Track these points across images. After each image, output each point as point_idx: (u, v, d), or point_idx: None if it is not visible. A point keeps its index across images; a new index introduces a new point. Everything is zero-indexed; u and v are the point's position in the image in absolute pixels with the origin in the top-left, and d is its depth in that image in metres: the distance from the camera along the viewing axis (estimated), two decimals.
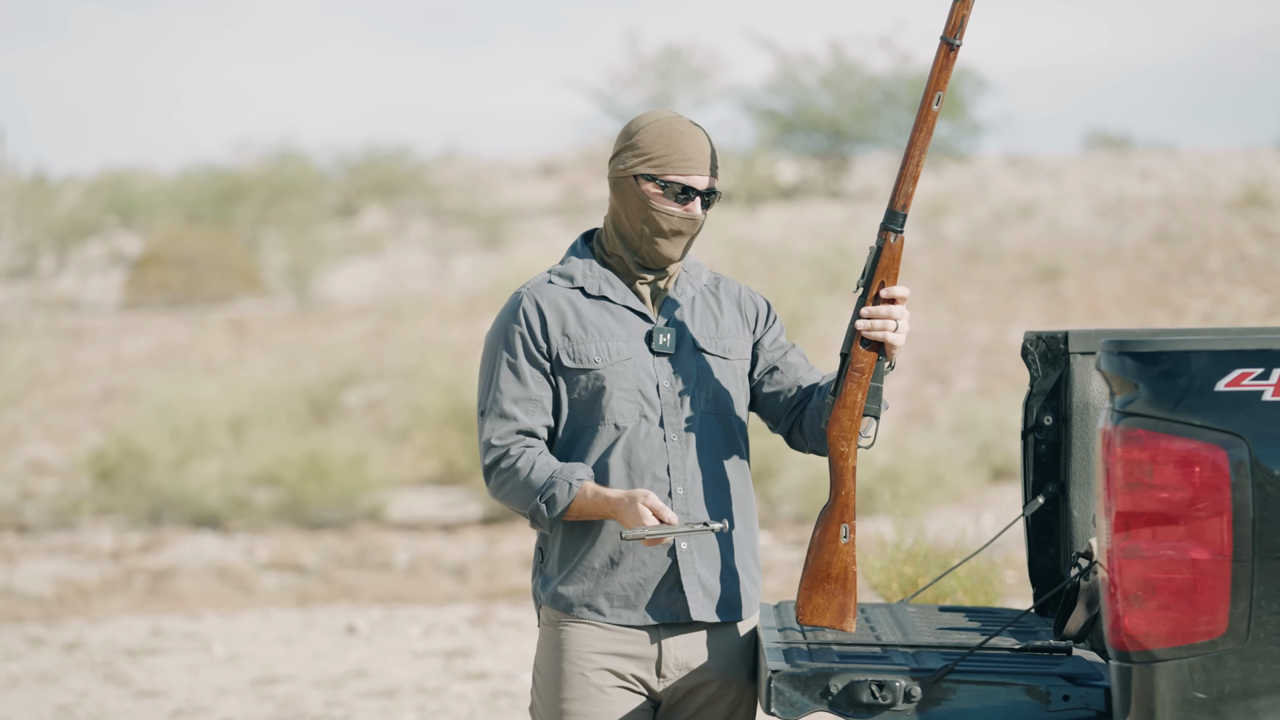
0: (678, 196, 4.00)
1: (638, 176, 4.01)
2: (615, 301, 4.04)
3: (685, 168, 3.99)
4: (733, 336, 4.10)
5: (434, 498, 16.99)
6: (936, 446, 16.46)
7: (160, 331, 27.50)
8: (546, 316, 4.02)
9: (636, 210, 4.02)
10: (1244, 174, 34.45)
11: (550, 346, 4.01)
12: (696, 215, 4.00)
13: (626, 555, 3.97)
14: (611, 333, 4.01)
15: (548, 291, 4.04)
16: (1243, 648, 3.41)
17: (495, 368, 4.03)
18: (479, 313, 25.34)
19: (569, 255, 4.10)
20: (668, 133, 4.00)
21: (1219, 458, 3.41)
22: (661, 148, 3.99)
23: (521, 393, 4.00)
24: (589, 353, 4.00)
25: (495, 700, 9.00)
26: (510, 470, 3.97)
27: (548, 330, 4.01)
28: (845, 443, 3.96)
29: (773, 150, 37.26)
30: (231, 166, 39.24)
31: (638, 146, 4.01)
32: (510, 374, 4.01)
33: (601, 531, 3.97)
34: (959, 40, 3.92)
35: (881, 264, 3.97)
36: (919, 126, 3.94)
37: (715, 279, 4.16)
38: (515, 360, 4.01)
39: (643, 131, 4.02)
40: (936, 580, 5.01)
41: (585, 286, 4.04)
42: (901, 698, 3.64)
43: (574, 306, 4.03)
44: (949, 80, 3.94)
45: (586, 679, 3.97)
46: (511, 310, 4.04)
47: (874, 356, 3.97)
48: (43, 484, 17.80)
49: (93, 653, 10.40)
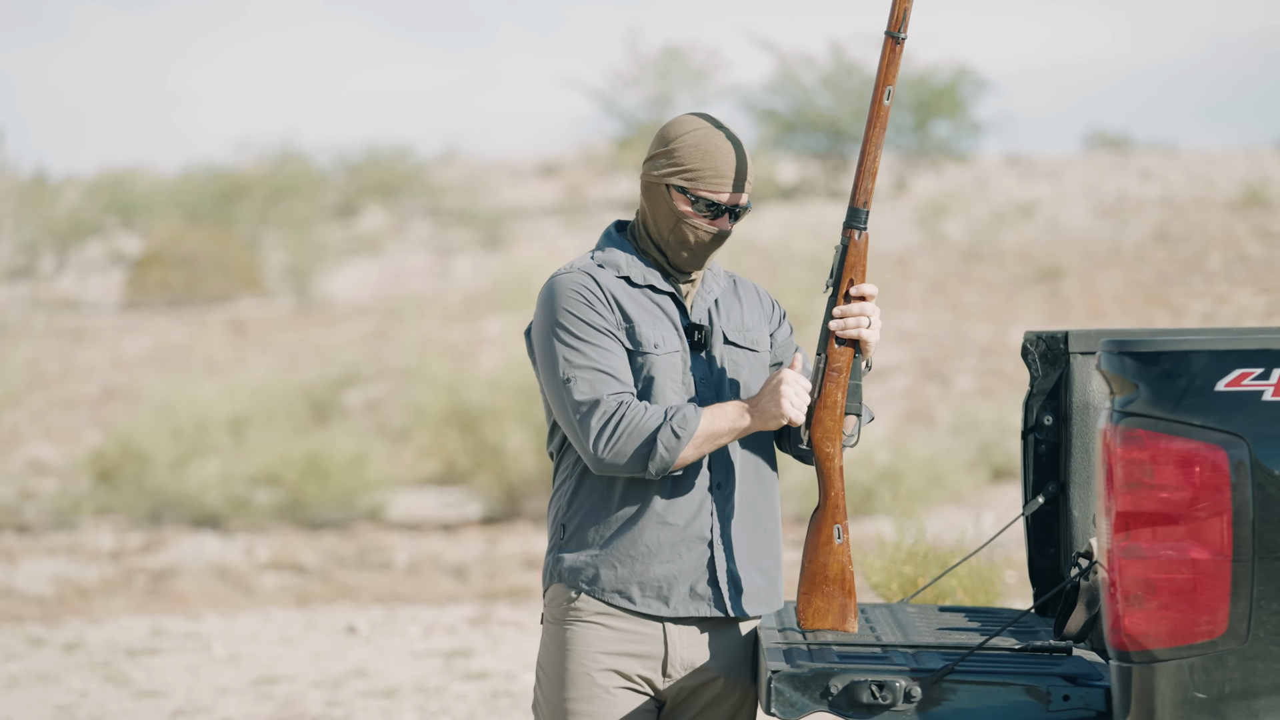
0: (708, 211, 3.98)
1: (670, 186, 3.98)
2: (660, 290, 4.02)
3: (719, 184, 3.96)
4: (757, 330, 4.09)
5: (434, 498, 17.00)
6: (936, 446, 16.47)
7: (160, 331, 27.51)
8: (606, 292, 3.96)
9: (666, 219, 4.00)
10: (1244, 174, 34.45)
11: (618, 322, 3.95)
12: (725, 231, 3.99)
13: (664, 545, 3.94)
14: (660, 322, 3.99)
15: (599, 273, 3.99)
16: (1243, 648, 3.41)
17: (571, 333, 3.91)
18: (479, 313, 25.34)
19: (606, 244, 4.05)
20: (705, 145, 3.96)
21: (1219, 458, 3.41)
22: (697, 161, 3.95)
23: (606, 354, 3.91)
24: (648, 335, 3.96)
25: (495, 700, 9.00)
26: (626, 418, 3.85)
27: (611, 306, 3.95)
28: (830, 443, 3.96)
29: (773, 150, 37.27)
30: (232, 166, 39.25)
31: (673, 155, 3.97)
32: (589, 339, 3.91)
33: (640, 519, 3.94)
34: (903, 34, 3.94)
35: (848, 262, 3.97)
36: (872, 123, 3.94)
37: (731, 277, 4.16)
38: (591, 324, 3.92)
39: (680, 140, 3.97)
40: (936, 580, 5.01)
41: (631, 275, 4.01)
42: (901, 698, 3.64)
43: (625, 292, 3.99)
44: (897, 74, 3.94)
45: (592, 679, 3.97)
46: (570, 284, 3.94)
47: (850, 354, 3.97)
48: (43, 484, 17.80)
49: (93, 653, 10.40)
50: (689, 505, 3.95)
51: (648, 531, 3.94)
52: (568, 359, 3.91)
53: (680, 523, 3.95)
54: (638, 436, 3.85)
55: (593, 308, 3.94)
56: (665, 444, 3.85)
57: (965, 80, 36.38)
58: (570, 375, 3.90)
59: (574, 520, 3.99)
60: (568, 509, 4.00)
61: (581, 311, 3.93)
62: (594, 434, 3.86)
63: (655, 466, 3.86)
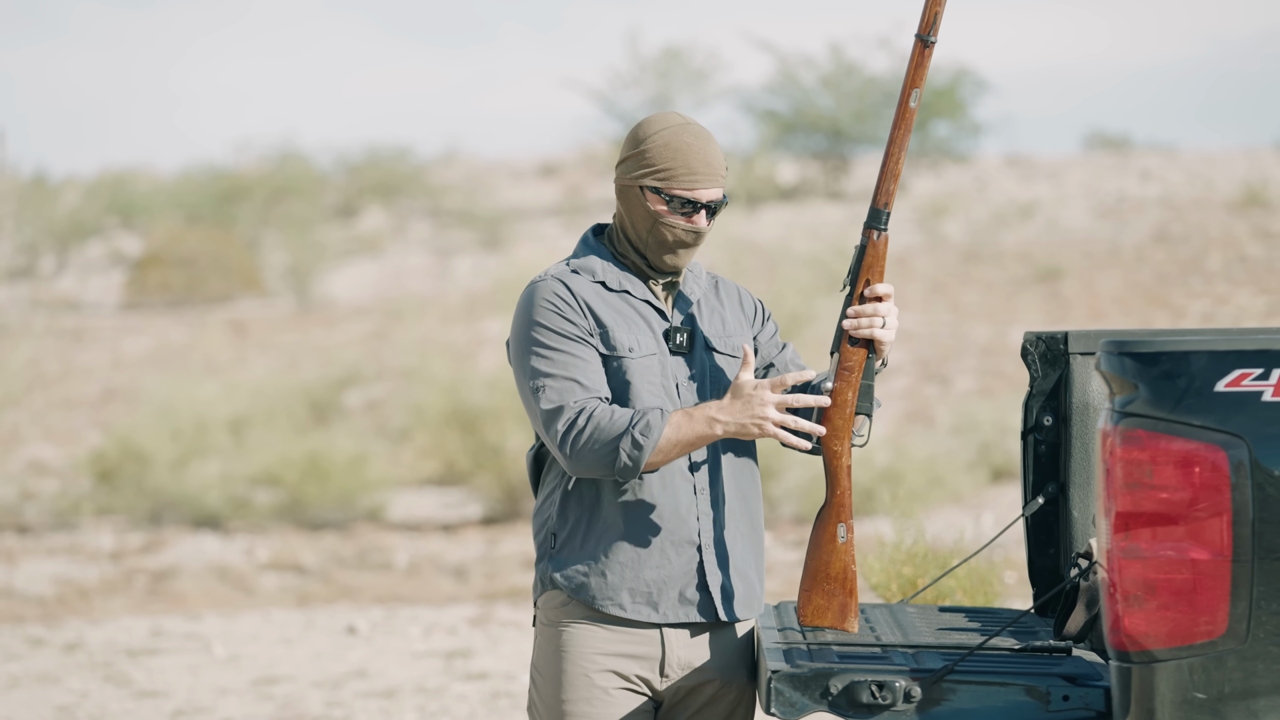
0: (683, 210, 3.98)
1: (644, 188, 3.98)
2: (636, 297, 4.02)
3: (691, 182, 3.96)
4: (739, 335, 4.09)
5: (434, 498, 16.99)
6: (936, 447, 16.47)
7: (160, 332, 27.51)
8: (579, 299, 3.97)
9: (643, 221, 4.00)
10: (1244, 175, 34.44)
11: (590, 328, 3.96)
12: (702, 228, 3.99)
13: (653, 551, 3.94)
14: (636, 326, 4.00)
15: (573, 280, 4.00)
16: (1242, 648, 3.41)
17: (540, 344, 3.94)
18: (479, 313, 25.34)
19: (582, 249, 4.06)
20: (674, 144, 3.96)
21: (1219, 458, 3.41)
22: (668, 160, 3.96)
23: (576, 360, 3.93)
24: (622, 339, 3.96)
25: (495, 700, 9.00)
26: (591, 423, 3.85)
27: (583, 312, 3.96)
28: (839, 442, 3.96)
29: (773, 151, 37.26)
30: (232, 167, 39.22)
31: (644, 156, 3.98)
32: (559, 347, 3.93)
33: (629, 525, 3.94)
34: (933, 37, 3.94)
35: (866, 262, 3.98)
36: (898, 124, 3.95)
37: (713, 279, 4.16)
38: (561, 334, 3.94)
39: (649, 140, 3.98)
40: (936, 580, 5.01)
41: (606, 281, 4.02)
42: (901, 698, 3.64)
43: (600, 296, 4.00)
44: (925, 77, 3.95)
45: (590, 680, 3.97)
46: (543, 292, 3.96)
47: (863, 354, 3.97)
48: (43, 484, 17.80)
49: (93, 653, 10.40)
50: (677, 510, 3.95)
51: (636, 537, 3.95)
52: (537, 367, 3.94)
53: (669, 528, 3.95)
54: (600, 442, 3.86)
55: (563, 315, 3.95)
56: (627, 452, 3.85)
57: (965, 81, 36.37)
58: (539, 384, 3.93)
59: (564, 528, 4.00)
60: (558, 518, 4.01)
61: (551, 320, 3.95)
62: (559, 439, 3.89)
63: (620, 473, 3.87)
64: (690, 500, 3.96)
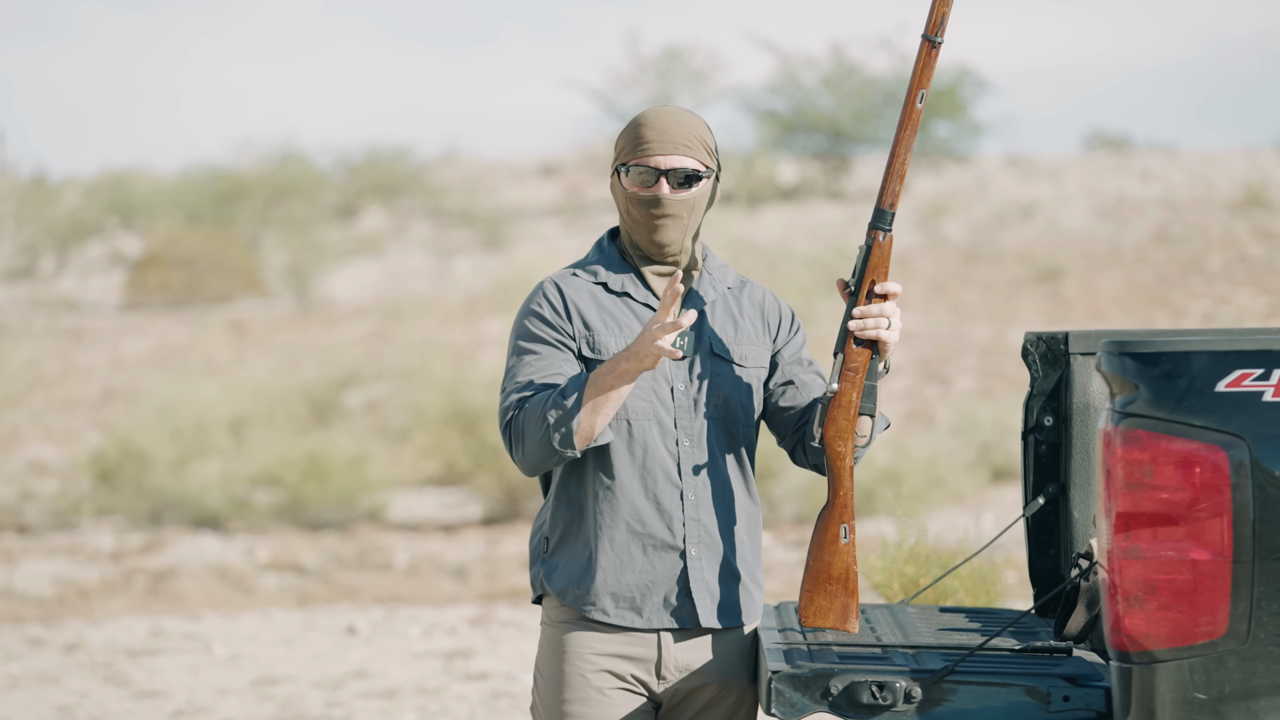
0: (643, 179, 3.99)
1: (618, 175, 4.03)
2: (636, 299, 4.03)
3: (647, 150, 3.98)
4: (750, 344, 4.06)
5: (434, 498, 17.00)
6: (937, 447, 16.47)
7: (160, 332, 27.51)
8: (569, 302, 4.00)
9: (621, 203, 4.04)
10: (1244, 175, 34.45)
11: (573, 332, 3.99)
12: (663, 194, 3.97)
13: (636, 555, 3.95)
14: (631, 329, 4.00)
15: (571, 281, 4.04)
16: (1243, 648, 3.41)
17: (519, 351, 4.00)
18: (479, 314, 25.34)
19: (594, 252, 4.09)
20: (638, 121, 4.02)
21: (1219, 458, 3.41)
22: (631, 136, 4.01)
23: (542, 363, 3.96)
24: (608, 344, 3.98)
25: (495, 701, 9.00)
26: (523, 413, 3.90)
27: (570, 316, 3.99)
28: (842, 443, 3.95)
29: (773, 151, 37.27)
30: (232, 167, 39.23)
31: (617, 143, 4.05)
32: (534, 354, 3.98)
33: (613, 529, 3.95)
34: (940, 38, 3.93)
35: (871, 263, 3.97)
36: (903, 125, 3.94)
37: (741, 282, 4.13)
38: (540, 341, 3.98)
39: (622, 133, 4.06)
40: (937, 581, 5.01)
41: (608, 282, 4.03)
42: (902, 698, 3.64)
43: (595, 299, 4.02)
44: (931, 78, 3.94)
45: (587, 680, 3.97)
46: (535, 296, 4.03)
47: (868, 355, 3.96)
48: (43, 485, 17.80)
49: (93, 653, 10.40)
50: (661, 515, 3.96)
51: (619, 542, 3.96)
52: (510, 368, 4.01)
53: (652, 532, 3.95)
54: (531, 425, 3.88)
55: (544, 319, 4.00)
56: (553, 419, 3.85)
57: (966, 81, 36.38)
58: (504, 388, 4.00)
59: (555, 533, 4.02)
60: (550, 522, 4.04)
61: (532, 322, 4.01)
62: (504, 438, 3.95)
63: (560, 442, 3.86)
64: (676, 505, 3.96)
